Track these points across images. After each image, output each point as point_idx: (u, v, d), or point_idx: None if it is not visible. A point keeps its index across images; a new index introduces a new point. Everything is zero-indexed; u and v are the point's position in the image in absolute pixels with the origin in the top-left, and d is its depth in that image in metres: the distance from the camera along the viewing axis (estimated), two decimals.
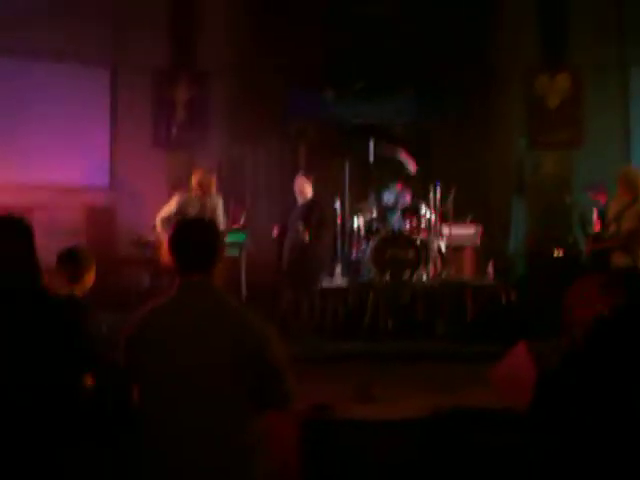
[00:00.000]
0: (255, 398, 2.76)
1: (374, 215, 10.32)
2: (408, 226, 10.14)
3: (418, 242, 9.90)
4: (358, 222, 10.25)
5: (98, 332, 4.59)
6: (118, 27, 11.61)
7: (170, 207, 8.97)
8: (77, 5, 10.95)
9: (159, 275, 10.03)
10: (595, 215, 9.27)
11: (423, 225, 10.10)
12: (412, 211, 10.33)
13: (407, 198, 10.67)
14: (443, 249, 10.24)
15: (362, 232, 10.20)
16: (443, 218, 10.33)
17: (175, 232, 2.97)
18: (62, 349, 3.03)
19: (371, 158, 10.61)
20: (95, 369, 3.24)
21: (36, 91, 10.94)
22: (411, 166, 10.99)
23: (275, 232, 9.67)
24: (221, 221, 9.01)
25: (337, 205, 10.24)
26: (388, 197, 10.87)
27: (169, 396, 2.76)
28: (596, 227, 9.25)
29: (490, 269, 10.26)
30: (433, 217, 10.08)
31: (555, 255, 10.36)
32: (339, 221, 10.31)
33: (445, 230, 10.29)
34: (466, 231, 10.53)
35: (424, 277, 9.80)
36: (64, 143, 11.02)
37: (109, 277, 10.97)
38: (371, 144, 10.54)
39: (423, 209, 10.18)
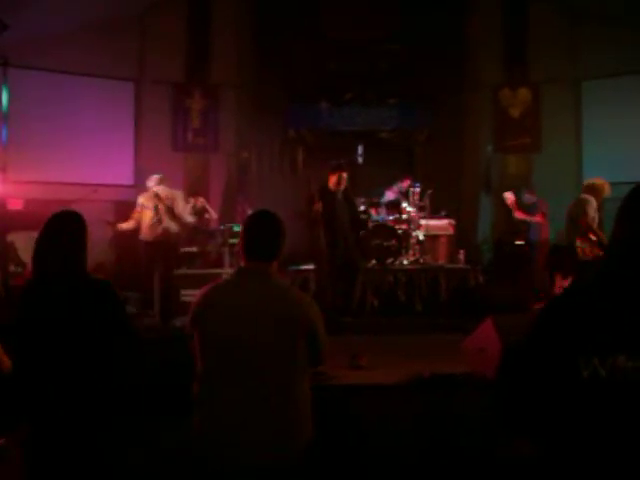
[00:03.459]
0: (301, 357, 2.81)
1: (362, 208, 10.33)
2: (391, 218, 10.14)
3: (400, 232, 9.91)
4: None
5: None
6: (142, 46, 11.65)
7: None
8: (105, 27, 10.94)
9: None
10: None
11: (404, 218, 10.10)
12: (395, 206, 10.34)
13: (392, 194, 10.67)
14: (421, 238, 10.24)
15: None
16: (421, 212, 10.34)
17: (251, 224, 3.02)
18: (108, 323, 3.03)
19: (359, 160, 10.61)
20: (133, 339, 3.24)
21: (71, 103, 10.96)
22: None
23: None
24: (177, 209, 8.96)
25: None
26: (389, 194, 10.77)
27: (227, 358, 2.78)
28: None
29: (461, 256, 10.28)
30: (413, 211, 10.07)
31: (517, 244, 10.37)
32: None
33: (423, 222, 10.30)
34: (441, 223, 10.54)
35: (405, 262, 9.81)
36: (96, 147, 11.03)
37: (134, 261, 11.03)
38: (360, 147, 10.55)
39: (404, 204, 10.19)
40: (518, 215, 10.05)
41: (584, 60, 11.72)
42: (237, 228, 9.96)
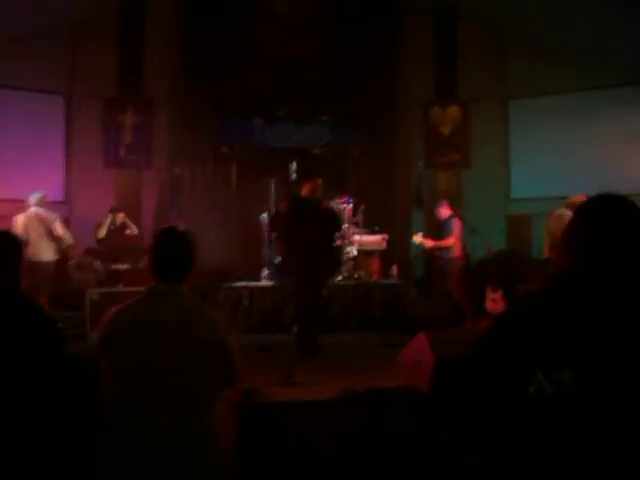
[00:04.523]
0: (215, 378, 2.77)
1: None
2: None
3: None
4: None
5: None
6: (72, 59, 11.50)
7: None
8: (34, 39, 10.76)
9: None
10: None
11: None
12: None
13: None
14: (354, 254, 10.28)
15: None
16: (355, 227, 10.39)
17: (160, 245, 2.93)
18: (42, 348, 2.91)
19: (293, 177, 10.59)
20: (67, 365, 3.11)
21: None
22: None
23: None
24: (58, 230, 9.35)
25: (264, 217, 10.19)
26: None
27: (140, 383, 2.70)
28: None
29: (394, 271, 10.37)
30: (346, 227, 10.10)
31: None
32: (266, 230, 10.22)
33: (356, 238, 10.34)
34: (374, 238, 10.61)
35: (339, 278, 9.83)
36: (24, 162, 10.81)
37: (62, 280, 10.79)
38: (293, 164, 10.53)
39: None
40: (430, 245, 9.95)
41: (511, 79, 12.05)
42: None
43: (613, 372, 1.65)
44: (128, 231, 10.52)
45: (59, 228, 9.37)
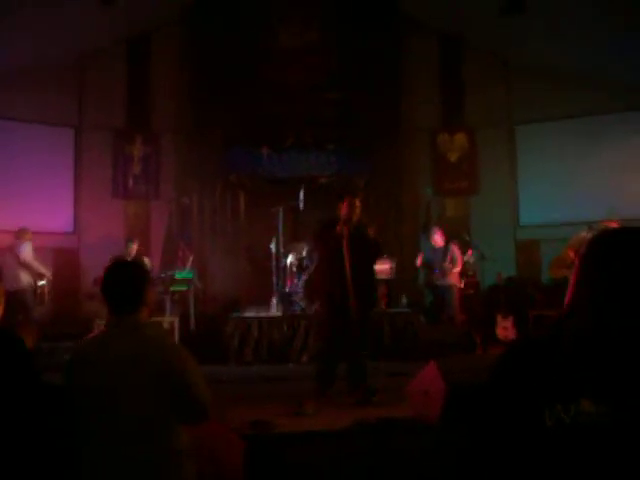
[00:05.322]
0: (175, 413, 2.72)
1: (304, 254, 10.24)
2: None
3: None
4: (290, 260, 10.16)
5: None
6: (82, 92, 11.62)
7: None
8: (44, 73, 10.88)
9: None
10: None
11: None
12: None
13: None
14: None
15: (294, 269, 10.10)
16: None
17: (106, 279, 2.91)
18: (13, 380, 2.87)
19: (300, 205, 10.57)
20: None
21: (8, 148, 10.82)
22: None
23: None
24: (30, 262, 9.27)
25: (272, 246, 10.16)
26: None
27: (100, 413, 2.69)
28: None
29: (403, 299, 10.31)
30: None
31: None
32: (274, 259, 10.18)
33: None
34: (382, 267, 10.54)
35: None
36: (34, 193, 10.87)
37: (73, 310, 10.81)
38: (300, 193, 10.51)
39: None
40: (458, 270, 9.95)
41: (517, 105, 12.07)
42: (179, 275, 9.86)
43: (632, 397, 1.61)
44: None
45: (24, 253, 9.21)
